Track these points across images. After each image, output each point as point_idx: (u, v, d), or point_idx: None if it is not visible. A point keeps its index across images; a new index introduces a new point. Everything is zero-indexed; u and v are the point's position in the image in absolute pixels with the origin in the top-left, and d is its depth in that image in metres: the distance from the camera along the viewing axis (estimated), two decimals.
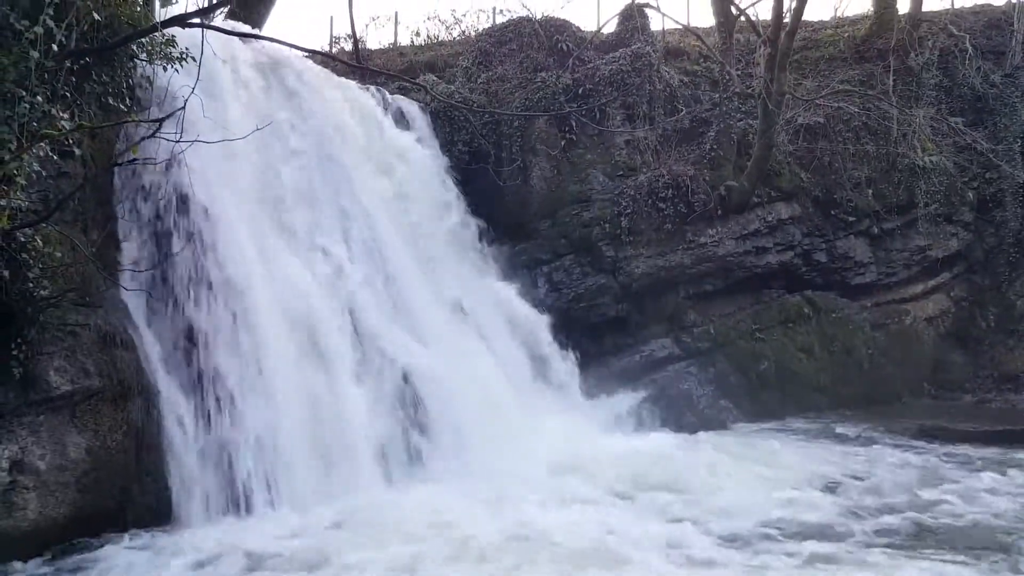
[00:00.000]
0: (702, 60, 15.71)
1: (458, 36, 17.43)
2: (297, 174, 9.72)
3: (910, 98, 15.52)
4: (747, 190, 13.64)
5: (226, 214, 8.20)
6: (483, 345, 10.95)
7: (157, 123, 5.71)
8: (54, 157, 6.13)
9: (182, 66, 7.45)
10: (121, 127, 7.42)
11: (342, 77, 12.19)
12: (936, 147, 15.30)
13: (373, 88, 12.58)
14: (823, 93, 14.84)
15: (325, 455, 7.91)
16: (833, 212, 14.55)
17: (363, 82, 12.67)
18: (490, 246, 12.78)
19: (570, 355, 12.17)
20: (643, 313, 13.40)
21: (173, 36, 7.39)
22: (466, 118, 13.45)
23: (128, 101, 7.47)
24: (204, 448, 7.25)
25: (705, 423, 11.86)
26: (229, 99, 9.00)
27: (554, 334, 12.14)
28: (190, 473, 7.09)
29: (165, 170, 7.83)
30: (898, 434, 11.19)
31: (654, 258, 13.22)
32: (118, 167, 7.55)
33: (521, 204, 13.57)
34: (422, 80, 14.05)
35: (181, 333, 7.64)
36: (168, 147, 7.07)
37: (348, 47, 16.87)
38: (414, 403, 8.99)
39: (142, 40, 7.26)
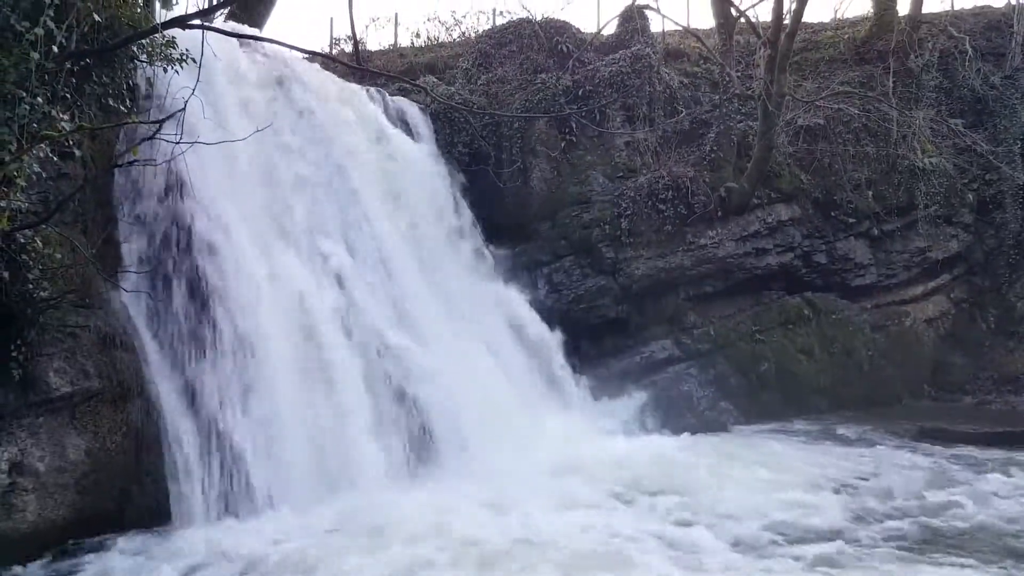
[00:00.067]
0: (702, 62, 15.72)
1: (458, 38, 17.43)
2: (297, 177, 9.71)
3: (910, 100, 15.52)
4: (747, 192, 13.64)
5: (226, 215, 8.21)
6: (483, 346, 10.94)
7: (157, 124, 5.70)
8: (54, 158, 6.13)
9: (182, 67, 7.45)
10: (121, 128, 7.41)
11: (342, 79, 12.18)
12: (936, 149, 15.30)
13: (373, 90, 12.57)
14: (823, 95, 14.83)
15: (325, 457, 7.90)
16: (833, 214, 14.55)
17: (363, 83, 12.66)
18: (490, 248, 12.77)
19: (570, 356, 12.16)
20: (643, 314, 13.40)
21: (173, 37, 7.38)
22: (466, 119, 13.45)
23: (128, 102, 7.47)
24: (203, 449, 7.23)
25: (705, 424, 11.85)
26: (229, 103, 9.00)
27: (554, 335, 12.15)
28: (189, 474, 7.07)
29: (165, 171, 7.83)
30: (899, 436, 11.19)
31: (654, 259, 13.22)
32: (118, 168, 7.54)
33: (521, 205, 13.58)
34: (422, 82, 14.05)
35: (181, 334, 7.64)
36: (168, 148, 7.08)
37: (348, 48, 16.87)
38: (414, 404, 8.97)
39: (142, 41, 7.26)
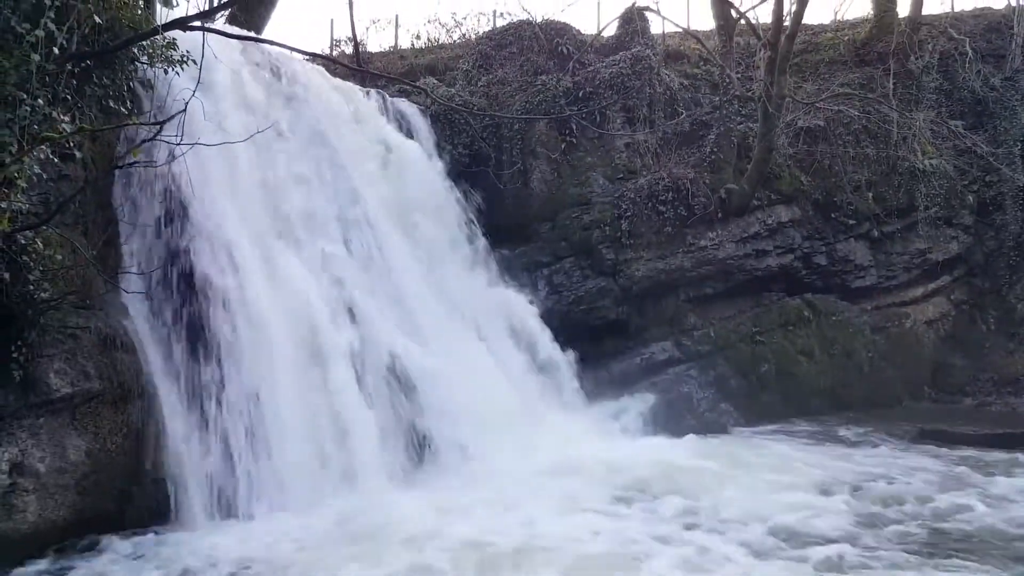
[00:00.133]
0: (702, 63, 15.73)
1: (458, 39, 17.43)
2: (297, 178, 9.72)
3: (910, 101, 15.52)
4: (747, 193, 13.64)
5: (226, 217, 8.21)
6: (483, 347, 10.95)
7: (158, 126, 5.71)
8: (55, 160, 6.13)
9: (183, 69, 7.46)
10: (121, 130, 7.42)
11: (342, 80, 12.19)
12: (936, 150, 15.30)
13: (373, 91, 12.59)
14: (823, 96, 14.84)
15: (325, 458, 7.89)
16: (833, 215, 14.54)
17: (363, 85, 12.68)
18: (490, 249, 12.78)
19: (570, 358, 12.17)
20: (643, 316, 13.40)
21: (174, 39, 7.40)
22: (466, 121, 13.46)
23: (129, 104, 7.48)
24: (204, 451, 7.24)
25: (705, 426, 11.84)
26: (227, 102, 9.01)
27: (554, 337, 12.15)
28: (190, 476, 7.07)
29: (165, 172, 7.84)
30: (900, 437, 11.15)
31: (654, 261, 13.22)
32: (119, 170, 7.55)
33: (521, 207, 13.58)
34: (422, 83, 14.07)
35: (181, 336, 7.65)
36: (169, 149, 7.09)
37: (349, 50, 16.89)
38: (415, 405, 8.98)
39: (143, 43, 7.27)
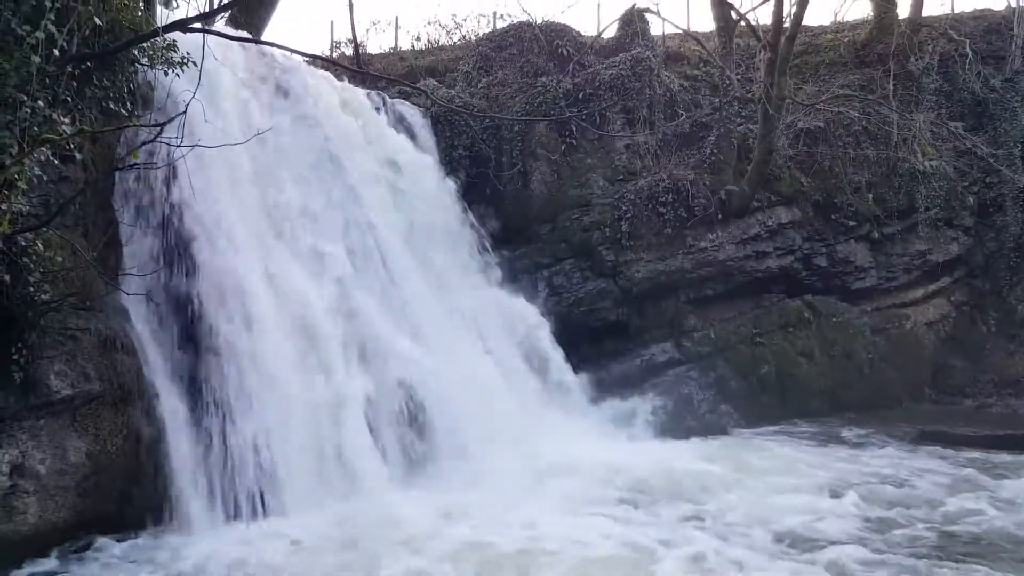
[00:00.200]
0: (702, 65, 15.74)
1: (459, 41, 17.44)
2: (297, 179, 9.72)
3: (910, 103, 15.51)
4: (747, 194, 13.65)
5: (227, 219, 8.21)
6: (483, 349, 10.95)
7: (158, 128, 5.71)
8: (55, 162, 6.12)
9: (183, 71, 7.46)
10: (122, 131, 7.42)
11: (343, 81, 12.20)
12: (936, 152, 15.29)
13: (373, 92, 12.59)
14: (823, 98, 14.84)
15: (325, 460, 7.87)
16: (833, 216, 14.54)
17: (364, 86, 12.68)
18: (491, 250, 12.78)
19: (570, 359, 12.17)
20: (643, 317, 13.40)
21: (174, 41, 7.40)
22: (466, 123, 13.47)
23: (129, 106, 7.48)
24: (204, 453, 7.23)
25: (706, 428, 11.83)
26: (228, 105, 9.01)
27: (554, 338, 12.15)
28: (190, 478, 7.06)
29: (166, 174, 7.84)
30: (901, 439, 11.14)
31: (654, 262, 13.23)
32: (119, 171, 7.55)
33: (521, 208, 13.59)
34: (423, 85, 14.09)
35: (182, 337, 7.64)
36: (169, 151, 7.09)
37: (349, 52, 16.90)
38: (415, 408, 8.96)
39: (143, 45, 7.27)
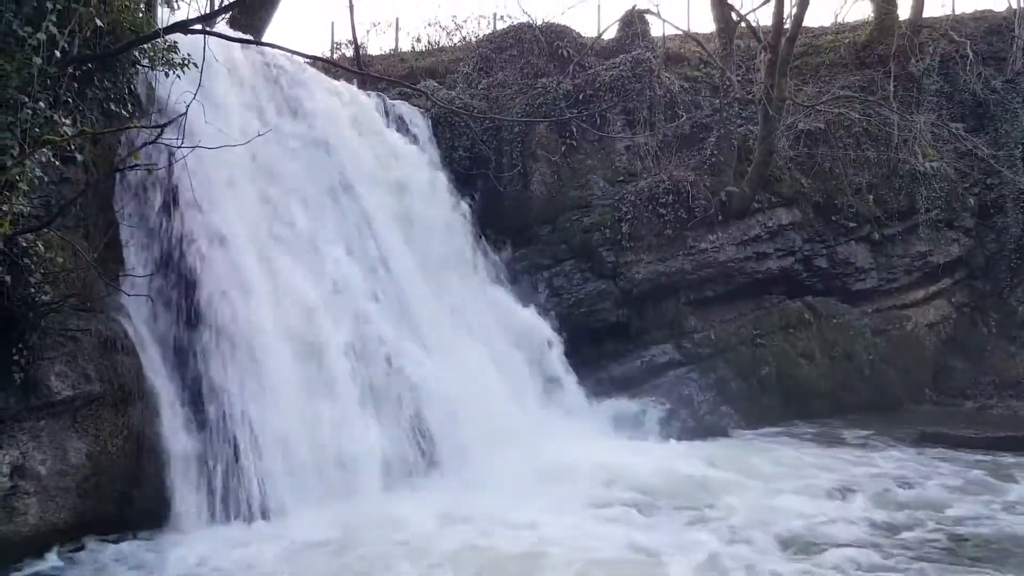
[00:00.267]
0: (702, 66, 15.74)
1: (459, 42, 17.46)
2: (299, 181, 9.73)
3: (911, 104, 15.51)
4: (748, 196, 13.65)
5: (228, 220, 8.21)
6: (483, 351, 10.92)
7: (159, 129, 5.73)
8: (56, 163, 6.13)
9: (184, 72, 7.47)
10: (123, 133, 7.43)
11: (343, 82, 12.20)
12: (937, 153, 15.28)
13: (374, 94, 12.60)
14: (824, 99, 14.85)
15: (326, 463, 7.85)
16: (834, 218, 14.54)
17: (364, 88, 12.69)
18: (491, 252, 12.78)
19: (570, 361, 12.16)
20: (644, 319, 13.40)
21: (175, 42, 7.41)
22: (467, 124, 13.47)
23: (130, 107, 7.49)
24: (204, 454, 7.22)
25: (706, 429, 11.81)
26: (227, 104, 9.02)
27: (554, 339, 12.14)
28: (190, 480, 7.06)
29: (166, 175, 7.85)
30: (902, 440, 11.09)
31: (655, 264, 13.23)
32: (120, 173, 7.56)
33: (522, 209, 13.59)
34: (423, 86, 14.10)
35: (182, 339, 7.64)
36: (170, 152, 7.10)
37: (349, 53, 16.91)
38: (416, 410, 8.95)
39: (144, 46, 7.28)
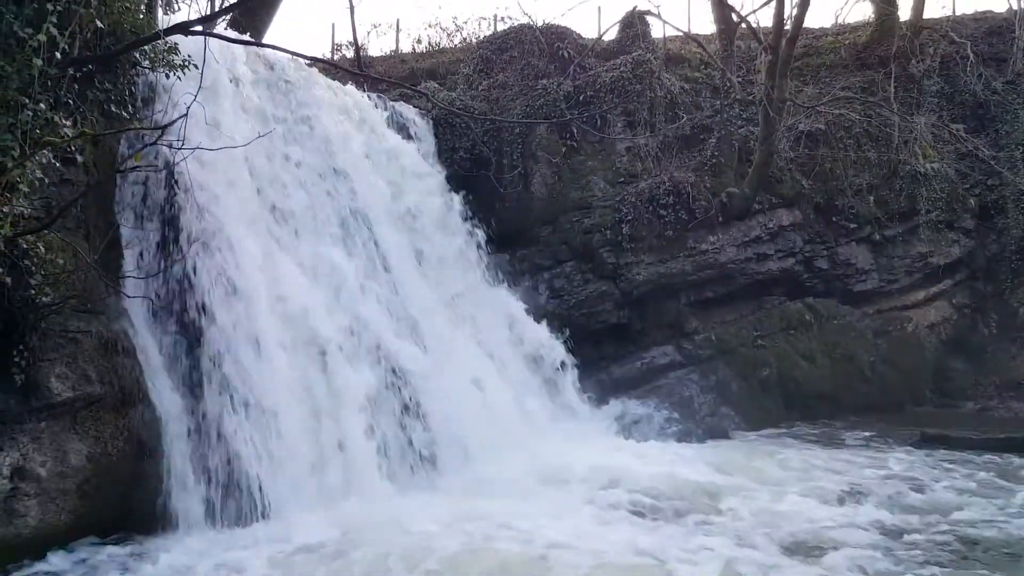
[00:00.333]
0: (703, 67, 15.73)
1: (459, 43, 17.49)
2: (299, 182, 9.72)
3: (911, 105, 15.50)
4: (748, 197, 13.65)
5: (228, 222, 8.20)
6: (484, 352, 10.94)
7: (160, 130, 5.73)
8: (56, 164, 6.13)
9: (184, 73, 7.47)
10: (123, 134, 7.43)
11: (343, 84, 12.21)
12: (937, 154, 15.27)
13: (374, 95, 12.60)
14: (824, 100, 14.84)
15: (326, 465, 7.84)
16: (834, 219, 14.53)
17: (365, 89, 12.69)
18: (491, 253, 12.78)
19: (571, 362, 12.16)
20: (644, 320, 13.41)
21: (176, 44, 7.41)
22: (467, 125, 13.47)
23: (130, 108, 7.49)
24: (204, 456, 7.20)
25: (707, 431, 11.81)
26: (227, 105, 9.01)
27: (555, 341, 12.13)
28: (190, 482, 7.03)
29: (167, 177, 7.85)
30: (904, 442, 11.08)
31: (655, 265, 13.23)
32: (120, 174, 7.55)
33: (522, 211, 13.60)
34: (423, 87, 14.10)
35: (183, 340, 7.64)
36: (170, 153, 7.10)
37: (350, 54, 16.92)
38: (416, 412, 8.95)
39: (145, 48, 7.28)
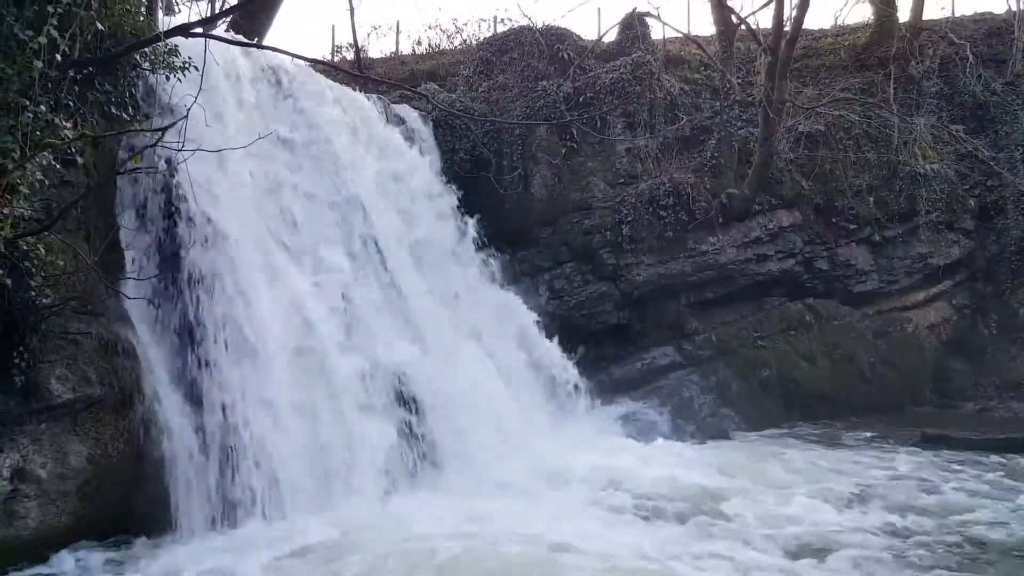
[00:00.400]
0: (703, 68, 15.75)
1: (459, 45, 17.51)
2: (299, 184, 9.72)
3: (911, 106, 15.52)
4: (748, 198, 13.66)
5: (228, 223, 8.20)
6: (484, 353, 10.93)
7: (160, 132, 5.73)
8: (57, 166, 6.14)
9: (184, 75, 7.48)
10: (123, 136, 7.44)
11: (343, 85, 12.21)
12: (937, 155, 15.28)
13: (374, 97, 12.61)
14: (824, 101, 14.86)
15: (326, 468, 7.84)
16: (834, 220, 14.54)
17: (365, 91, 12.70)
18: (491, 254, 12.79)
19: (571, 362, 12.16)
20: (644, 321, 13.41)
21: (176, 46, 7.42)
22: (467, 127, 13.49)
23: (131, 110, 7.50)
24: (204, 457, 7.20)
25: (707, 431, 11.82)
26: (228, 106, 9.03)
27: (555, 341, 12.14)
28: (190, 483, 7.03)
29: (167, 179, 7.85)
30: (906, 442, 11.06)
31: (655, 266, 13.24)
32: (121, 176, 7.56)
33: (522, 212, 13.61)
34: (423, 89, 14.11)
35: (183, 342, 7.64)
36: (170, 155, 7.11)
37: (350, 56, 16.94)
38: (417, 413, 8.95)
39: (145, 50, 7.29)
